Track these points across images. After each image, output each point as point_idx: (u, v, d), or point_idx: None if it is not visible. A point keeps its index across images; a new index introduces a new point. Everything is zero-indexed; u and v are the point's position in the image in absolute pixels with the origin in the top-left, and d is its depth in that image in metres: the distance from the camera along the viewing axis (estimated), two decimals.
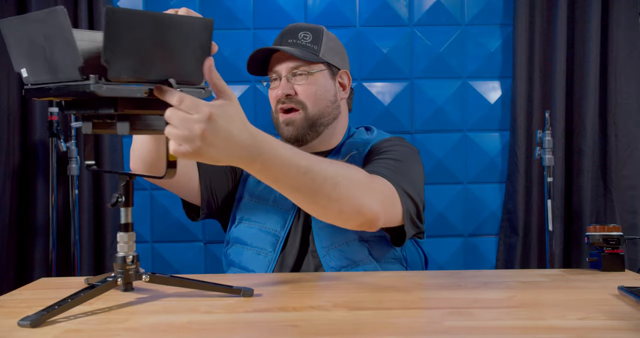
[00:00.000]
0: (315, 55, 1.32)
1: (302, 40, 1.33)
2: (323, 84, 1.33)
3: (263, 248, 1.26)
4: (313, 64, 1.31)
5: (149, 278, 0.91)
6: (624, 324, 0.77)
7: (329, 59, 1.34)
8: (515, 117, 2.30)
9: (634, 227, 2.26)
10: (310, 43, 1.33)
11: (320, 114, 1.32)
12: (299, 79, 1.31)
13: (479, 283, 1.05)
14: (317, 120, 1.31)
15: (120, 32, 0.73)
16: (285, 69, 1.31)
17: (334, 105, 1.34)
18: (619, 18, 2.27)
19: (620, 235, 1.17)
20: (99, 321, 0.82)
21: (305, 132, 1.31)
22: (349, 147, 1.34)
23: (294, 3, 2.36)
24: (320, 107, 1.32)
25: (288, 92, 1.31)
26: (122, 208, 0.90)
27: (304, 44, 1.32)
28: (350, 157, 1.31)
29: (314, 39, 1.33)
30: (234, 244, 1.31)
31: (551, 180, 2.12)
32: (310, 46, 1.32)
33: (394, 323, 0.79)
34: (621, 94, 2.27)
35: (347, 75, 1.39)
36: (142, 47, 0.76)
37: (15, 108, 2.24)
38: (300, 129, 1.31)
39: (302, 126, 1.31)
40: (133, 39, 0.75)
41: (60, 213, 2.22)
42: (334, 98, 1.35)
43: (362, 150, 1.32)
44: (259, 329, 0.79)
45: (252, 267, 1.26)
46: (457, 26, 2.36)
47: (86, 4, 2.25)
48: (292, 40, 1.33)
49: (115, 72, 0.75)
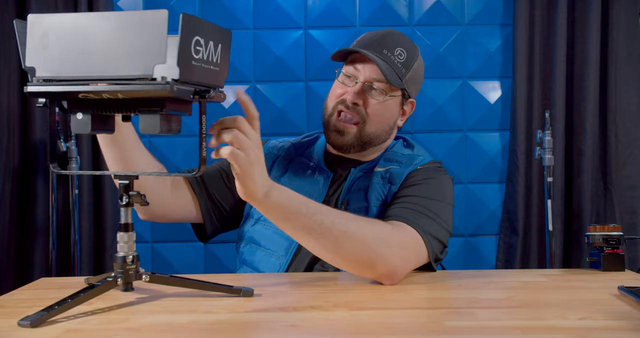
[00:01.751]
0: (400, 80, 1.26)
1: (396, 57, 1.26)
2: (391, 109, 1.29)
3: (275, 251, 1.24)
4: (394, 87, 1.26)
5: (149, 278, 0.91)
6: (624, 324, 0.77)
7: (408, 88, 1.29)
8: (515, 117, 2.30)
9: (634, 227, 2.26)
10: (402, 64, 1.27)
11: (376, 135, 1.28)
12: (374, 94, 1.26)
13: (479, 283, 1.05)
14: (369, 141, 1.28)
15: (190, 37, 0.77)
16: (366, 76, 1.25)
17: (390, 131, 1.32)
18: (619, 18, 2.27)
19: (620, 235, 1.17)
20: (99, 321, 0.82)
21: (353, 146, 1.27)
22: (387, 160, 1.31)
23: (294, 3, 2.36)
24: (379, 129, 1.28)
25: (358, 101, 1.25)
26: (122, 208, 0.90)
27: (395, 62, 1.26)
28: (388, 171, 1.28)
29: (407, 61, 1.27)
30: (248, 243, 1.29)
31: (551, 180, 2.12)
32: (400, 67, 1.26)
33: (394, 323, 0.79)
34: (621, 94, 2.27)
35: (413, 105, 1.35)
36: (197, 51, 0.79)
37: (15, 108, 2.24)
38: (349, 142, 1.27)
39: (353, 141, 1.27)
40: (193, 43, 0.78)
41: (60, 213, 2.22)
42: (393, 124, 1.32)
43: (403, 167, 1.28)
44: (259, 329, 0.79)
45: (263, 269, 1.25)
46: (457, 26, 2.36)
47: (86, 4, 2.25)
48: (387, 51, 1.26)
49: (185, 74, 0.77)
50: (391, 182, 1.26)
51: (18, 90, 2.23)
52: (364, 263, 1.02)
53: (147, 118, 0.82)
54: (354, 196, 1.27)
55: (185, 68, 0.77)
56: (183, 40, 0.75)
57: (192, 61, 0.78)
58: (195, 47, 0.78)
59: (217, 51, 0.83)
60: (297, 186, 1.30)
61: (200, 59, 0.79)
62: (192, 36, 0.77)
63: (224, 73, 0.86)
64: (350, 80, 1.27)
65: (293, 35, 2.36)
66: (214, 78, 0.84)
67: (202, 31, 0.79)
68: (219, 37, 0.83)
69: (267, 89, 2.37)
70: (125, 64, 0.76)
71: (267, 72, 2.37)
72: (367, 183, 1.28)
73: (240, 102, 0.93)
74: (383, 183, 1.27)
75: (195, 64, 0.79)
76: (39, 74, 0.80)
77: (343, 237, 1.00)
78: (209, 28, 0.80)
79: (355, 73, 1.27)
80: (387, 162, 1.31)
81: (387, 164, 1.31)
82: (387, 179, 1.27)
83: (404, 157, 1.32)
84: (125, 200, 0.89)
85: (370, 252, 1.01)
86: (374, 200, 1.24)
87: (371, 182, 1.27)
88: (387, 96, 1.26)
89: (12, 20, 2.24)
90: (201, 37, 0.78)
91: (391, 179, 1.27)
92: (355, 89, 1.25)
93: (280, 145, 1.39)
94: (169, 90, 0.75)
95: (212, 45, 0.81)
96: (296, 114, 2.37)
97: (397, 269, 1.04)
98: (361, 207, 1.24)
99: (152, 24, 0.74)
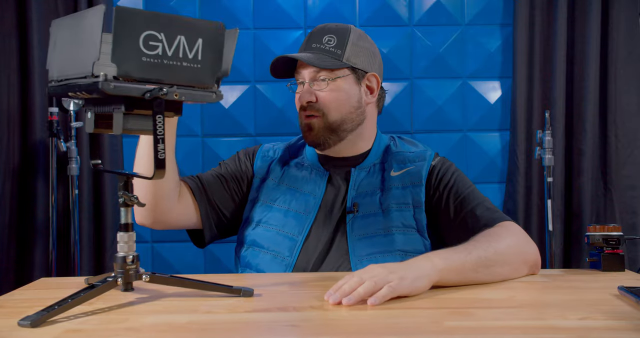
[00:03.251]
0: (338, 60, 1.27)
1: (326, 44, 1.29)
2: (346, 90, 1.28)
3: (280, 252, 1.24)
4: (335, 70, 1.27)
5: (149, 278, 0.91)
6: (624, 324, 0.77)
7: (354, 63, 1.29)
8: (515, 117, 2.30)
9: (634, 227, 2.26)
10: (334, 47, 1.28)
11: (342, 120, 1.28)
12: (320, 84, 1.27)
13: (479, 283, 1.05)
14: (338, 127, 1.28)
15: (128, 31, 0.74)
16: (307, 75, 1.28)
17: (357, 111, 1.30)
18: (619, 18, 2.27)
19: (620, 235, 1.17)
20: (99, 321, 0.81)
21: (326, 137, 1.28)
22: (399, 162, 1.32)
23: (294, 3, 2.36)
24: (342, 113, 1.28)
25: (309, 98, 1.28)
26: (122, 208, 0.90)
27: (327, 49, 1.28)
28: (406, 172, 1.29)
29: (339, 43, 1.29)
30: (250, 246, 1.29)
31: (551, 180, 2.12)
32: (333, 51, 1.28)
33: (394, 323, 0.79)
34: (621, 94, 2.27)
35: (376, 78, 1.33)
36: (150, 47, 0.76)
37: (15, 108, 2.23)
38: (320, 134, 1.28)
39: (322, 132, 1.28)
40: (141, 39, 0.75)
41: (60, 213, 2.22)
42: (358, 103, 1.30)
43: (419, 166, 1.30)
44: (259, 329, 0.79)
45: (268, 271, 1.25)
46: (457, 26, 2.36)
47: (86, 4, 2.25)
48: (316, 44, 1.29)
49: (123, 71, 0.75)
50: (413, 183, 1.28)
51: (18, 90, 2.23)
52: (523, 265, 1.13)
53: (116, 117, 0.81)
54: (364, 200, 1.27)
55: (130, 64, 0.74)
56: (118, 34, 0.73)
57: (142, 57, 0.75)
58: (148, 42, 0.75)
59: (196, 47, 0.80)
60: (296, 187, 1.31)
61: (157, 55, 0.77)
62: (138, 31, 0.74)
63: (211, 70, 0.83)
64: (301, 85, 1.31)
65: (293, 35, 2.36)
66: (191, 76, 0.81)
67: (159, 25, 0.76)
68: (198, 32, 0.80)
69: (267, 89, 2.37)
70: (76, 64, 0.77)
71: (267, 72, 2.35)
72: (376, 187, 1.29)
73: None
74: (403, 187, 1.28)
75: (148, 60, 0.76)
76: (50, 76, 0.84)
77: (504, 266, 1.08)
78: (174, 22, 0.77)
79: (299, 77, 1.31)
80: (401, 164, 1.31)
81: (401, 166, 1.31)
82: (409, 182, 1.28)
83: (415, 156, 1.33)
84: (121, 200, 0.89)
85: (522, 257, 1.12)
86: (394, 205, 1.25)
87: (386, 188, 1.28)
88: (330, 80, 1.27)
89: (12, 20, 2.25)
90: (158, 31, 0.76)
91: (412, 180, 1.28)
92: (303, 90, 1.29)
93: (275, 148, 1.41)
94: (102, 88, 0.73)
95: (183, 40, 0.78)
96: (296, 114, 2.35)
97: (539, 256, 1.16)
98: (373, 212, 1.25)
99: (89, 22, 0.74)
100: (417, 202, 1.26)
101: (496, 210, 1.25)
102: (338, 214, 1.28)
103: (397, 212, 1.25)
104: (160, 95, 0.78)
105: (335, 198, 1.29)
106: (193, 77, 0.81)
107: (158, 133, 0.79)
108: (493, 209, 1.25)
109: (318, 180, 1.31)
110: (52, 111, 2.07)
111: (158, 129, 0.79)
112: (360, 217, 1.25)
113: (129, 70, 0.75)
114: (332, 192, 1.30)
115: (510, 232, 1.16)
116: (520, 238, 1.16)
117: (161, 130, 0.80)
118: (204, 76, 0.82)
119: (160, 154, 0.80)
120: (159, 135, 0.79)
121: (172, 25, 0.77)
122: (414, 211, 1.26)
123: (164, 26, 0.76)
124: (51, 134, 2.08)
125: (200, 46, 0.80)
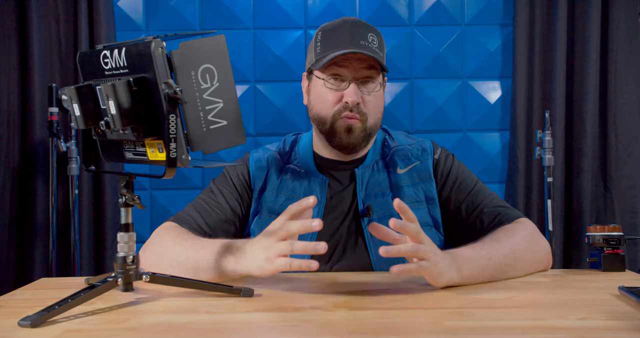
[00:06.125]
0: (383, 63, 1.22)
1: (371, 43, 1.20)
2: (382, 96, 1.26)
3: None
4: (379, 74, 1.22)
5: (149, 278, 0.91)
6: (624, 324, 0.77)
7: (386, 67, 1.24)
8: (515, 117, 2.30)
9: (634, 227, 2.26)
10: (378, 47, 1.21)
11: (375, 126, 1.25)
12: (370, 87, 1.22)
13: (479, 283, 1.05)
14: (372, 132, 1.25)
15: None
16: (356, 73, 1.20)
17: (382, 117, 1.28)
18: (619, 18, 2.27)
19: (620, 235, 1.17)
20: (99, 321, 0.81)
21: (361, 142, 1.23)
22: (403, 157, 1.29)
23: (294, 3, 2.36)
24: (376, 120, 1.25)
25: (358, 99, 1.20)
26: (122, 208, 0.90)
27: (374, 49, 1.20)
28: (414, 168, 1.28)
29: (380, 44, 1.23)
30: None
31: (551, 180, 2.12)
32: (378, 52, 1.21)
33: (394, 323, 0.79)
34: (621, 93, 2.27)
35: (386, 81, 1.30)
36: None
37: (15, 108, 2.24)
38: (358, 138, 1.23)
39: (361, 136, 1.23)
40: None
41: (60, 213, 2.22)
42: (384, 109, 1.29)
43: (424, 160, 1.28)
44: (259, 329, 0.79)
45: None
46: (457, 26, 2.36)
47: (86, 4, 2.25)
48: (363, 42, 1.19)
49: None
50: (422, 178, 1.27)
51: (18, 90, 2.23)
52: (536, 267, 1.16)
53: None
54: (376, 202, 1.25)
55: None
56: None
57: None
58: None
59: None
60: (294, 197, 1.26)
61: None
62: None
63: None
64: (340, 82, 1.22)
65: (293, 35, 2.36)
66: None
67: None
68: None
69: (267, 89, 2.37)
70: None
71: (267, 72, 2.37)
72: (385, 187, 1.26)
73: (399, 210, 0.98)
74: (413, 184, 1.26)
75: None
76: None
77: (518, 265, 1.10)
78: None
79: (343, 73, 1.21)
80: (406, 160, 1.29)
81: (407, 162, 1.29)
82: (418, 178, 1.27)
83: (417, 150, 1.30)
84: (122, 200, 0.89)
85: (534, 253, 1.14)
86: (408, 205, 1.23)
87: (395, 187, 1.26)
88: (379, 85, 1.24)
89: (12, 20, 2.25)
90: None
91: (421, 176, 1.27)
92: (352, 90, 1.20)
93: (266, 157, 1.32)
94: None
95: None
96: (296, 114, 2.37)
97: (550, 253, 1.20)
98: (389, 214, 1.22)
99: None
100: (430, 198, 1.26)
101: (506, 204, 1.26)
102: (349, 218, 1.24)
103: (413, 211, 1.23)
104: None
105: (340, 202, 1.26)
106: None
107: (171, 132, 0.81)
108: (503, 205, 1.26)
109: (316, 187, 1.27)
110: (52, 111, 2.06)
111: (171, 128, 0.81)
112: (376, 220, 1.21)
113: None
114: (336, 197, 1.27)
115: (526, 229, 1.17)
116: (535, 238, 1.17)
117: (174, 130, 0.81)
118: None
119: (172, 153, 0.82)
120: (171, 134, 0.81)
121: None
122: (428, 208, 1.26)
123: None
124: (51, 134, 2.08)
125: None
